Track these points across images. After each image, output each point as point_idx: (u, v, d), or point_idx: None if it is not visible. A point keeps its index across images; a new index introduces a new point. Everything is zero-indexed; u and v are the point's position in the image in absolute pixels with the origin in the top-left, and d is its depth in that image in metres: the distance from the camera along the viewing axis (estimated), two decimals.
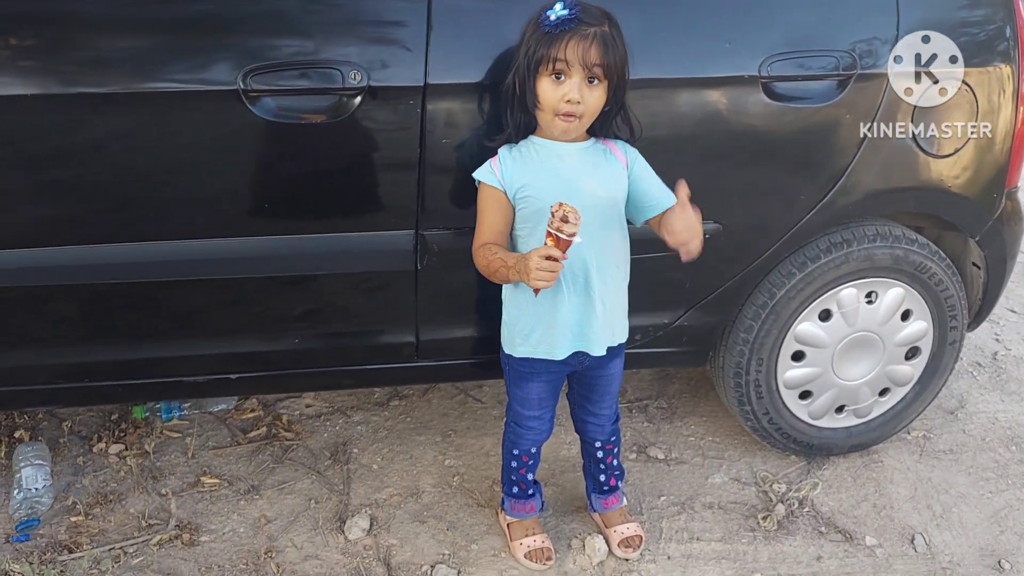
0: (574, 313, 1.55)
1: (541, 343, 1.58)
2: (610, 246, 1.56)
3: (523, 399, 1.68)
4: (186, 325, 1.66)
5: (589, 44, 1.41)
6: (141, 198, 1.53)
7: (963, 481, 2.08)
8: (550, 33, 1.42)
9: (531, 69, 1.44)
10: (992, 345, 2.67)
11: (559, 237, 1.37)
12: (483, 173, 1.53)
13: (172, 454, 2.02)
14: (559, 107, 1.44)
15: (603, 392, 1.72)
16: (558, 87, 1.43)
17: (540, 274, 1.38)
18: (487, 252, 1.51)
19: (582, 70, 1.42)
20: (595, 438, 1.78)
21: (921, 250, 1.91)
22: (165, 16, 1.47)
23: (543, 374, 1.63)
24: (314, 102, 1.51)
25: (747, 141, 1.72)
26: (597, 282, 1.54)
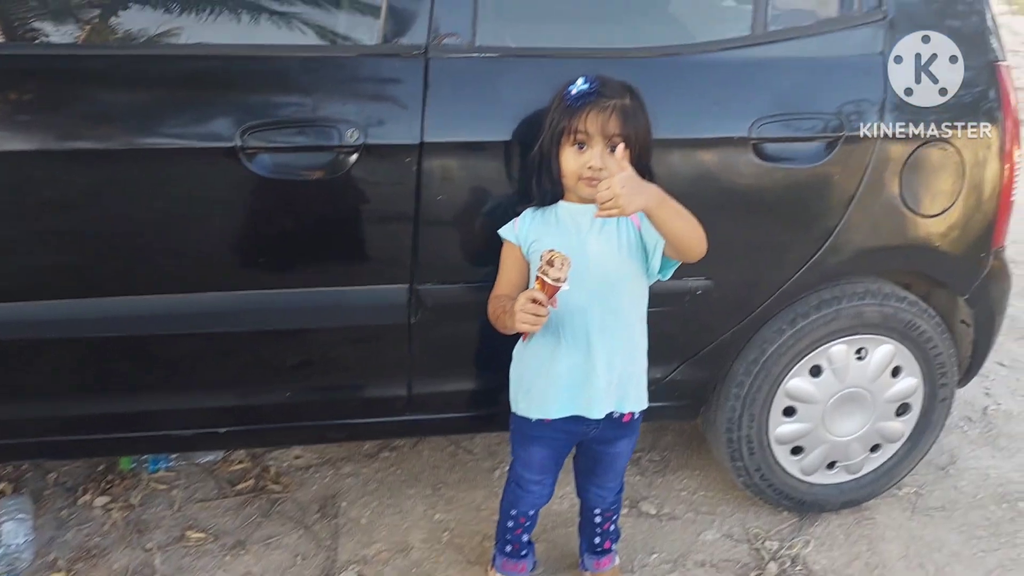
0: (573, 372, 1.55)
1: (537, 400, 1.58)
2: (619, 309, 1.55)
3: (526, 461, 1.67)
4: (178, 378, 1.65)
5: (608, 116, 1.46)
6: (136, 252, 1.53)
7: (955, 539, 2.07)
8: (571, 106, 1.48)
9: (554, 140, 1.50)
10: (982, 400, 2.68)
11: (545, 281, 1.39)
12: (505, 230, 1.57)
13: (158, 506, 1.99)
14: (582, 172, 1.48)
15: (608, 468, 1.71)
16: (580, 156, 1.48)
17: (523, 316, 1.41)
18: (496, 302, 1.56)
19: (602, 140, 1.47)
20: (595, 506, 1.77)
21: (910, 308, 1.93)
22: (165, 73, 1.49)
23: (546, 439, 1.62)
24: (311, 159, 1.53)
25: (738, 200, 1.74)
26: (600, 344, 1.54)
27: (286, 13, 1.59)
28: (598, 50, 1.68)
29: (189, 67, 1.51)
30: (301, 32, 1.58)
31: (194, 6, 1.58)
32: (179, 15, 1.57)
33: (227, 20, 1.59)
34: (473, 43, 1.57)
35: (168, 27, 1.54)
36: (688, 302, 1.77)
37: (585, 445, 1.68)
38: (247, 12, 1.61)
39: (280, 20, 1.58)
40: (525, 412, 1.61)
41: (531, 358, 1.58)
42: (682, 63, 1.70)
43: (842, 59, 1.77)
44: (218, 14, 1.57)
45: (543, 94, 1.60)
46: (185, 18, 1.56)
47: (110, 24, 1.57)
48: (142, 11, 1.59)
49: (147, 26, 1.54)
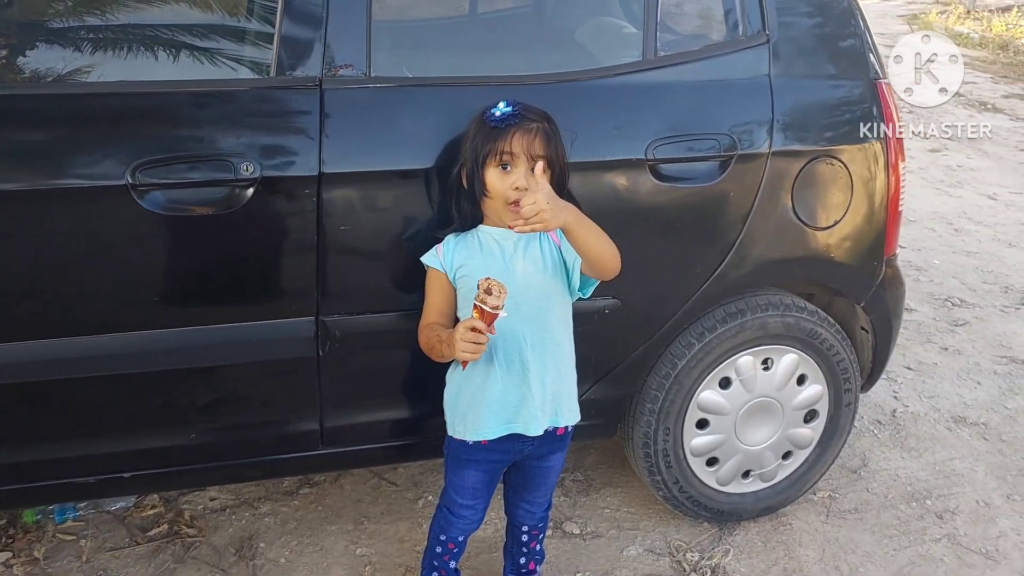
0: (508, 393, 1.56)
1: (473, 423, 1.59)
2: (548, 326, 1.58)
3: (459, 486, 1.66)
4: (77, 423, 1.60)
5: (533, 137, 1.50)
6: (28, 296, 1.49)
7: (868, 540, 2.13)
8: (496, 128, 1.50)
9: (479, 162, 1.51)
10: (891, 403, 2.78)
11: (483, 309, 1.40)
12: (428, 257, 1.58)
13: (65, 559, 1.92)
14: (508, 195, 1.50)
15: (540, 482, 1.72)
16: (506, 177, 1.50)
17: (464, 345, 1.42)
18: (428, 331, 1.56)
19: (527, 160, 1.49)
20: (523, 523, 1.77)
21: (811, 317, 2.00)
22: (51, 111, 1.46)
23: (481, 462, 1.63)
24: (206, 194, 1.51)
25: (639, 220, 1.79)
26: (533, 362, 1.56)
27: (177, 47, 1.58)
28: (494, 77, 1.71)
29: (77, 105, 1.48)
30: (192, 66, 1.57)
31: (82, 43, 1.55)
32: (66, 52, 1.54)
33: (116, 57, 1.57)
34: (368, 73, 1.59)
35: (54, 65, 1.51)
36: (598, 321, 1.80)
37: (518, 461, 1.68)
38: (137, 48, 1.59)
39: (171, 55, 1.57)
40: (463, 435, 1.60)
41: (465, 382, 1.58)
42: (580, 88, 1.74)
43: (730, 81, 1.84)
44: (107, 51, 1.56)
45: (442, 122, 1.63)
46: (73, 55, 1.54)
47: None
48: (26, 49, 1.56)
49: (32, 64, 1.51)
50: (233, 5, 1.72)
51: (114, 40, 1.57)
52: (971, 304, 3.63)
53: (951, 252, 4.25)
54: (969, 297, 3.70)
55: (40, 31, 1.55)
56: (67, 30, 1.57)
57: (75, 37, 1.56)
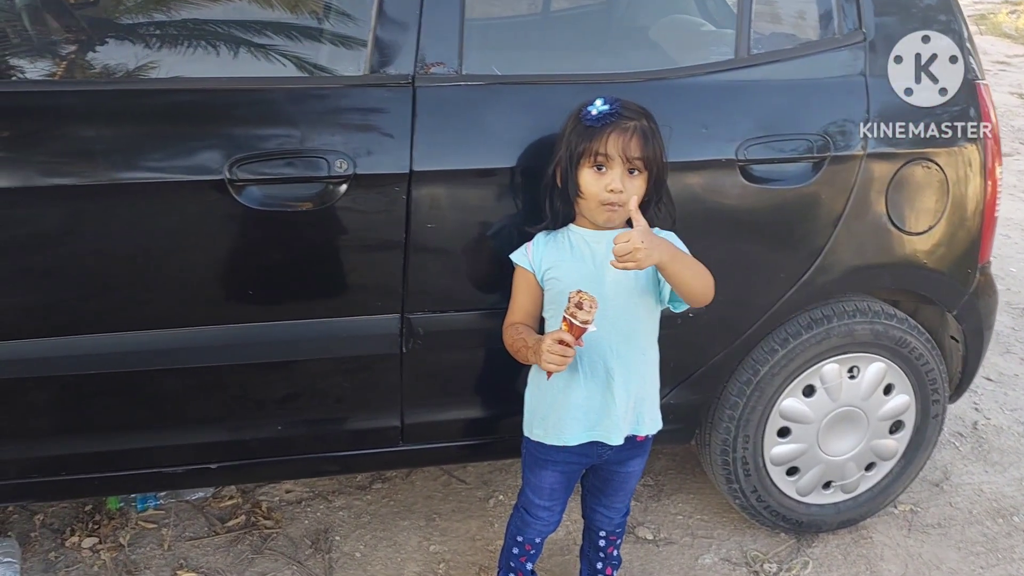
0: (591, 401, 1.53)
1: (553, 428, 1.56)
2: (634, 334, 1.55)
3: (536, 487, 1.64)
4: (168, 415, 1.63)
5: (629, 137, 1.45)
6: (125, 288, 1.51)
7: (953, 556, 2.07)
8: (592, 127, 1.46)
9: (573, 161, 1.48)
10: (972, 415, 2.69)
11: (572, 323, 1.38)
12: (517, 255, 1.56)
13: (148, 546, 1.95)
14: (603, 196, 1.47)
15: (619, 487, 1.69)
16: (600, 178, 1.47)
17: (551, 357, 1.40)
18: (513, 332, 1.53)
19: (623, 162, 1.46)
20: (601, 527, 1.75)
21: (900, 325, 1.94)
22: (151, 107, 1.48)
23: (559, 463, 1.61)
24: (300, 190, 1.52)
25: (727, 221, 1.75)
26: (618, 370, 1.52)
27: (273, 45, 1.59)
28: (582, 76, 1.69)
29: (176, 100, 1.50)
30: (288, 64, 1.58)
31: (182, 40, 1.58)
32: (165, 49, 1.57)
33: (214, 53, 1.59)
34: (460, 72, 1.58)
35: (153, 61, 1.53)
36: (680, 324, 1.76)
37: (596, 466, 1.66)
38: (233, 45, 1.61)
39: (267, 53, 1.58)
40: (541, 438, 1.58)
41: (547, 385, 1.55)
42: (668, 87, 1.71)
43: (825, 80, 1.80)
44: (205, 47, 1.57)
45: (531, 120, 1.62)
46: (172, 52, 1.56)
47: (92, 59, 1.56)
48: (126, 45, 1.59)
49: (131, 60, 1.53)
50: (328, 4, 1.72)
51: (213, 37, 1.59)
52: None
53: None
54: None
55: (139, 28, 1.58)
56: (167, 25, 1.59)
57: (174, 34, 1.58)
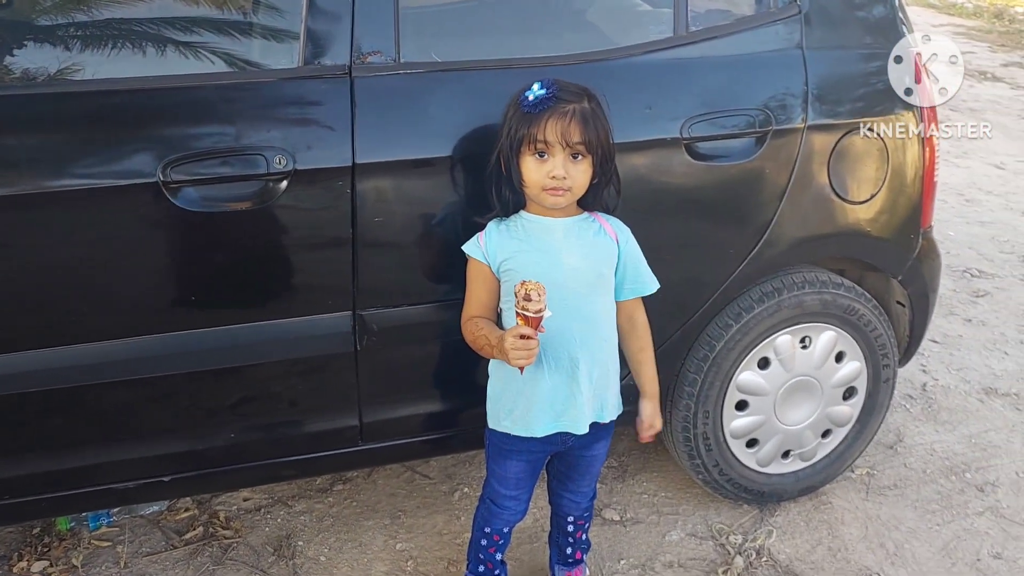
0: (557, 391, 1.52)
1: (520, 420, 1.54)
2: (595, 319, 1.53)
3: (502, 477, 1.63)
4: (116, 429, 1.57)
5: (568, 122, 1.42)
6: (62, 301, 1.45)
7: (911, 516, 2.12)
8: (529, 113, 1.43)
9: (514, 149, 1.45)
10: (920, 377, 2.76)
11: (527, 316, 1.36)
12: (470, 247, 1.52)
13: (103, 565, 1.89)
14: (545, 183, 1.44)
15: (584, 471, 1.68)
16: (542, 165, 1.44)
17: (517, 353, 1.38)
18: (473, 327, 1.50)
19: (563, 148, 1.43)
20: (569, 512, 1.74)
21: (848, 293, 1.97)
22: (76, 111, 1.42)
23: (523, 452, 1.59)
24: (239, 189, 1.47)
25: (676, 200, 1.75)
26: (582, 358, 1.51)
27: (202, 42, 1.53)
28: (522, 60, 1.66)
29: (103, 102, 1.43)
30: (218, 60, 1.52)
31: (105, 40, 1.51)
32: (86, 50, 1.50)
33: (140, 52, 1.52)
34: (398, 60, 1.55)
35: (75, 63, 1.46)
36: None
37: (561, 452, 1.65)
38: (160, 43, 1.54)
39: (195, 49, 1.52)
40: (508, 429, 1.56)
41: (511, 376, 1.52)
42: (609, 68, 1.70)
43: (763, 55, 1.80)
44: (130, 47, 1.51)
45: (474, 107, 1.59)
46: (94, 53, 1.49)
47: (9, 63, 1.48)
48: (45, 48, 1.52)
49: (53, 63, 1.46)
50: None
51: (139, 36, 1.52)
52: (990, 274, 3.60)
53: (965, 223, 4.23)
54: (987, 267, 3.68)
55: (60, 29, 1.50)
56: (87, 25, 1.52)
57: (97, 34, 1.51)
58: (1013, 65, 8.49)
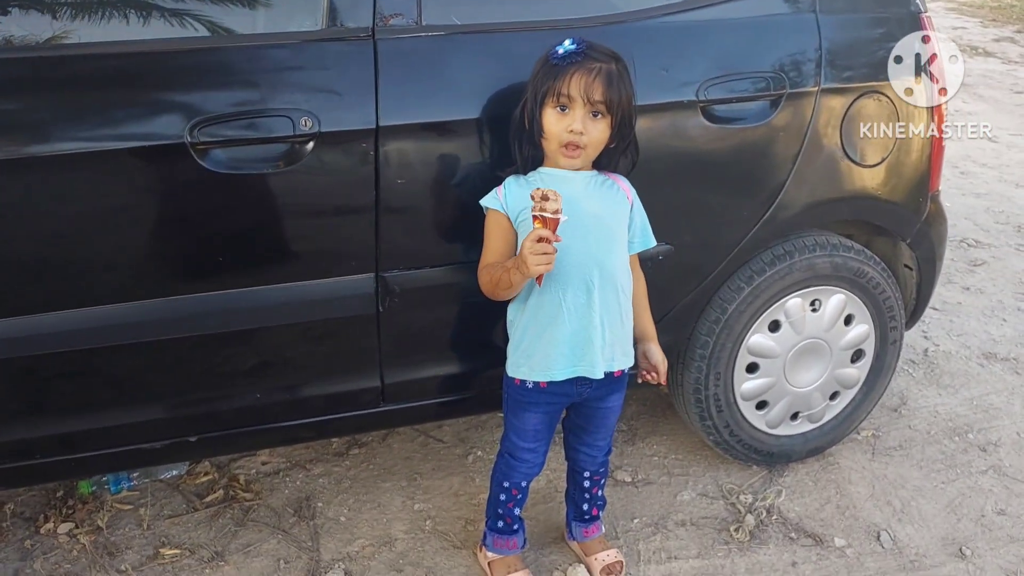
0: (576, 336, 1.55)
1: (540, 365, 1.58)
2: (613, 269, 1.57)
3: (520, 429, 1.66)
4: (144, 390, 1.59)
5: (592, 79, 1.45)
6: (91, 262, 1.46)
7: (916, 475, 2.16)
8: (557, 66, 1.46)
9: (538, 101, 1.48)
10: (922, 342, 2.80)
11: (545, 217, 1.38)
12: (489, 199, 1.55)
13: (126, 527, 1.91)
14: (563, 137, 1.47)
15: (600, 424, 1.72)
16: (562, 118, 1.47)
17: (536, 258, 1.40)
18: (490, 269, 1.53)
19: (584, 103, 1.45)
20: (585, 468, 1.78)
21: (858, 256, 2.00)
22: (105, 72, 1.42)
23: (541, 404, 1.63)
24: (265, 151, 1.48)
25: (691, 163, 1.77)
26: (599, 303, 1.55)
27: (226, 5, 1.53)
28: (543, 22, 1.67)
29: (131, 64, 1.44)
30: (244, 22, 1.53)
31: (135, 3, 1.50)
32: (112, 12, 1.49)
33: (167, 16, 1.52)
34: (420, 22, 1.56)
35: (104, 24, 1.46)
36: (651, 268, 1.79)
37: (576, 404, 1.68)
38: (186, 7, 1.54)
39: (220, 12, 1.52)
40: (527, 375, 1.60)
41: (532, 321, 1.56)
42: (627, 30, 1.71)
43: (776, 18, 1.82)
44: (159, 11, 1.50)
45: (493, 69, 1.61)
46: (123, 16, 1.49)
47: (40, 25, 1.48)
48: (73, 10, 1.51)
49: (81, 26, 1.46)
50: None
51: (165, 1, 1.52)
52: (986, 244, 3.65)
53: (961, 195, 4.27)
54: (984, 237, 3.73)
55: None
56: None
57: None
58: (1004, 40, 8.52)
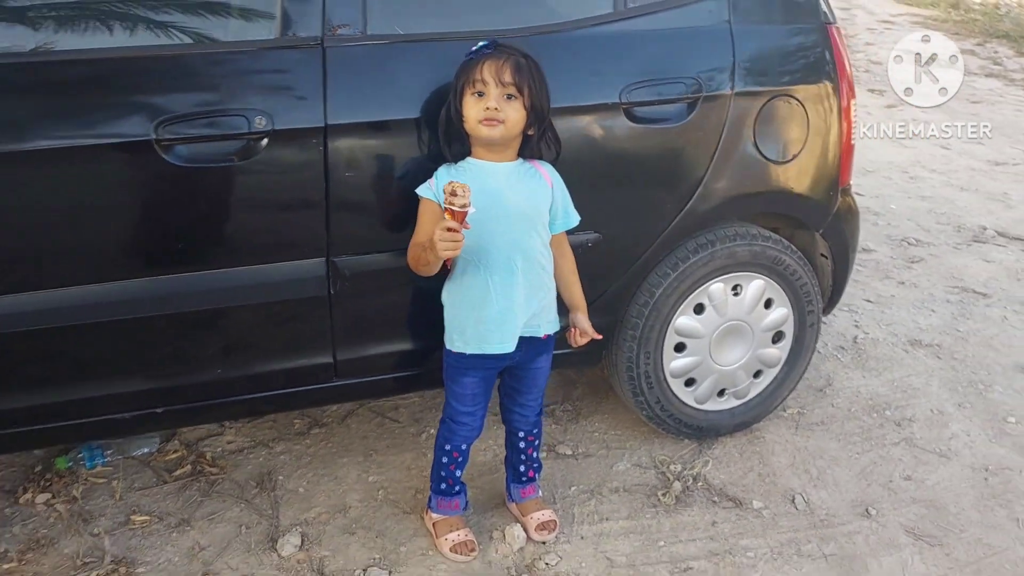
0: (504, 311, 1.74)
1: (473, 339, 1.77)
2: (533, 251, 1.76)
3: (459, 394, 1.84)
4: (117, 363, 1.75)
5: (502, 64, 1.66)
6: (65, 246, 1.63)
7: (834, 447, 2.35)
8: (472, 60, 1.67)
9: (458, 93, 1.68)
10: (852, 331, 3.00)
11: (453, 210, 1.56)
12: (423, 189, 1.73)
13: (100, 498, 2.07)
14: (481, 115, 1.66)
15: (530, 385, 1.90)
16: (479, 101, 1.66)
17: (444, 244, 1.58)
18: (415, 248, 1.71)
19: (497, 85, 1.65)
20: (519, 428, 1.95)
21: (775, 245, 2.19)
22: (82, 75, 1.59)
23: (477, 369, 1.81)
24: (224, 147, 1.66)
25: (617, 159, 1.96)
26: (523, 282, 1.74)
27: (191, 17, 1.70)
28: (477, 32, 1.85)
29: (105, 68, 1.61)
30: (205, 32, 1.70)
31: (113, 16, 1.67)
32: (87, 21, 1.67)
33: (136, 24, 1.69)
34: (365, 31, 1.73)
35: (79, 32, 1.63)
36: (582, 254, 1.96)
37: (508, 368, 1.87)
38: (157, 19, 1.71)
39: (185, 24, 1.69)
40: (462, 348, 1.78)
41: (462, 300, 1.76)
42: (556, 39, 1.90)
43: (695, 29, 2.01)
44: (126, 19, 1.67)
45: (431, 73, 1.78)
46: (94, 24, 1.66)
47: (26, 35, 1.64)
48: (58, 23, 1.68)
49: (63, 35, 1.62)
50: None
51: (138, 13, 1.68)
52: (926, 243, 3.86)
53: (907, 198, 4.48)
54: (924, 237, 3.93)
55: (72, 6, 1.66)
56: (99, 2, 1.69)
57: (105, 10, 1.67)
58: (966, 52, 8.78)
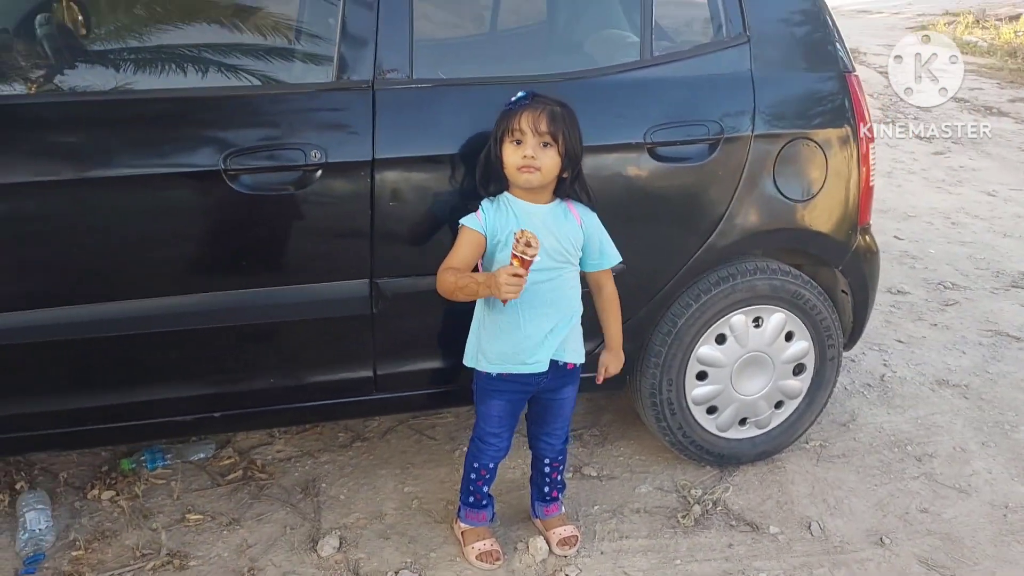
0: (530, 339, 1.88)
1: (498, 359, 1.90)
2: (562, 286, 1.90)
3: (486, 415, 1.98)
4: (179, 370, 1.94)
5: (539, 114, 1.81)
6: (139, 263, 1.83)
7: (853, 478, 2.42)
8: (511, 110, 1.83)
9: (497, 139, 1.84)
10: (881, 369, 3.05)
11: (524, 259, 1.71)
12: (469, 219, 1.87)
13: (159, 497, 2.25)
14: (518, 162, 1.81)
15: (556, 414, 2.03)
16: (517, 149, 1.82)
17: (509, 288, 1.73)
18: (454, 276, 1.83)
19: (534, 135, 1.80)
20: (545, 455, 2.08)
21: (795, 280, 2.30)
22: (159, 111, 1.82)
23: (504, 392, 1.94)
24: (283, 177, 1.85)
25: (641, 195, 2.11)
26: (551, 313, 1.88)
27: (256, 58, 1.92)
28: (512, 78, 2.04)
29: (180, 106, 1.83)
30: (270, 75, 1.92)
31: (188, 59, 1.91)
32: (167, 64, 1.90)
33: (212, 69, 1.93)
34: (411, 76, 1.93)
35: (158, 73, 1.87)
36: None
37: (536, 397, 2.00)
38: (228, 62, 1.94)
39: (251, 64, 1.91)
40: (487, 368, 1.92)
41: (492, 325, 1.90)
42: (585, 84, 2.07)
43: (717, 75, 2.16)
44: (205, 65, 1.91)
45: (471, 114, 1.97)
46: (173, 66, 1.90)
47: (110, 75, 1.88)
48: (135, 65, 1.93)
49: (145, 75, 1.86)
50: (299, 27, 2.07)
51: (205, 52, 1.91)
52: (962, 287, 3.89)
53: (947, 243, 4.51)
54: (961, 281, 3.96)
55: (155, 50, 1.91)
56: (168, 47, 1.93)
57: (184, 54, 1.91)
58: (1020, 101, 8.73)
